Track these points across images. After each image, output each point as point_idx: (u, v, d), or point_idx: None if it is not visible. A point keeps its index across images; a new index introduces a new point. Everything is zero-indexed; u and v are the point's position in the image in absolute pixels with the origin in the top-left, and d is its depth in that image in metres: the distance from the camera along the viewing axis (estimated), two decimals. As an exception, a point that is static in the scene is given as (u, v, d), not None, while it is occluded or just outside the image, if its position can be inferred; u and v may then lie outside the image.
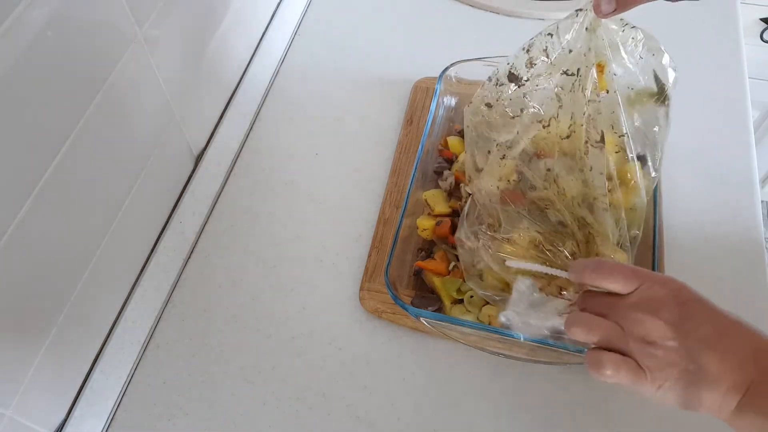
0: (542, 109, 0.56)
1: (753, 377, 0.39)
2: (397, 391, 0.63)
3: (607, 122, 0.54)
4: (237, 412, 0.62)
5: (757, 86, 1.36)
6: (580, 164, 0.54)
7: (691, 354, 0.40)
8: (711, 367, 0.39)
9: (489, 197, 0.59)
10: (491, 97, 0.59)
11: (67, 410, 0.60)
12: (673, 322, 0.40)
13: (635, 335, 0.41)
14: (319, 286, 0.70)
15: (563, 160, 0.56)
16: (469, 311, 0.63)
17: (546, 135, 0.68)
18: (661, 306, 0.41)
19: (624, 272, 0.44)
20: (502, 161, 0.58)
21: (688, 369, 0.40)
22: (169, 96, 0.66)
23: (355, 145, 0.81)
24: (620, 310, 0.43)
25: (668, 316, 0.41)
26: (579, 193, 0.55)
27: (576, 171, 0.55)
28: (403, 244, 0.65)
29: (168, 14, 0.63)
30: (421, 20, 0.96)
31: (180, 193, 0.75)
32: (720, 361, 0.39)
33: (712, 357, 0.39)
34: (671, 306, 0.41)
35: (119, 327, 0.65)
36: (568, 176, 0.55)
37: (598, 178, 0.53)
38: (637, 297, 0.42)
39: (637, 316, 0.42)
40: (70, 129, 0.51)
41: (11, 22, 0.42)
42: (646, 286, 0.42)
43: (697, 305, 0.41)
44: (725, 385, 0.39)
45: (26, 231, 0.47)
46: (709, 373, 0.39)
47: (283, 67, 0.90)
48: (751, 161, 0.79)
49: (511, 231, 0.56)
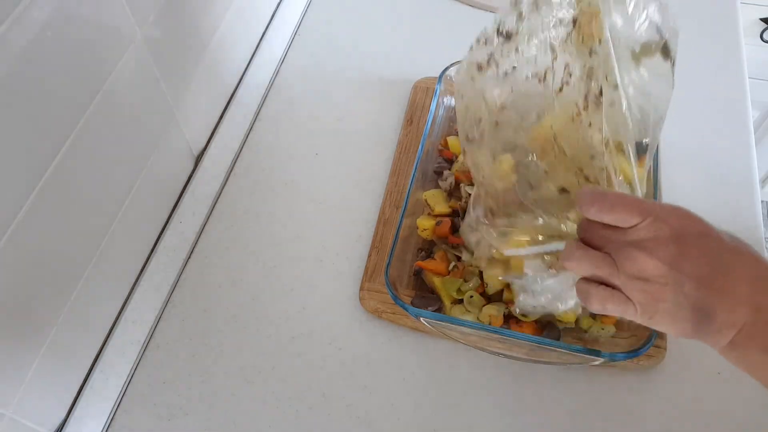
0: (536, 62, 0.52)
1: (747, 316, 0.38)
2: (397, 391, 0.63)
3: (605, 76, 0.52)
4: (237, 412, 0.62)
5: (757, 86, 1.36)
6: (576, 122, 0.51)
7: (684, 292, 0.39)
8: (704, 306, 0.39)
9: (484, 174, 0.56)
10: (482, 59, 0.55)
11: (67, 410, 0.60)
12: (669, 260, 0.39)
13: (627, 272, 0.41)
14: (319, 286, 0.70)
15: (562, 118, 0.53)
16: (469, 311, 0.63)
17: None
18: (659, 245, 0.40)
19: (627, 206, 0.41)
20: (498, 135, 0.55)
21: (679, 304, 0.39)
22: (169, 96, 0.67)
23: (355, 145, 0.81)
24: (617, 244, 0.42)
25: (664, 254, 0.39)
26: (579, 152, 0.52)
27: (574, 131, 0.52)
28: (403, 244, 0.65)
29: (168, 14, 0.63)
30: (421, 20, 0.96)
31: (180, 193, 0.75)
32: (714, 301, 0.38)
33: (705, 296, 0.39)
34: (669, 244, 0.39)
35: (119, 327, 0.65)
36: (568, 136, 0.52)
37: (597, 135, 0.50)
38: (635, 234, 0.41)
39: (632, 253, 0.40)
40: (70, 129, 0.51)
41: (11, 22, 0.42)
42: (648, 222, 0.40)
43: (697, 241, 0.40)
44: (718, 323, 0.39)
45: (26, 231, 0.47)
46: (701, 311, 0.39)
47: (283, 67, 0.90)
48: (751, 161, 0.79)
49: (511, 219, 0.54)
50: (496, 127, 0.55)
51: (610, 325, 0.61)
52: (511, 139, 0.54)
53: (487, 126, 0.55)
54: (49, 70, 0.47)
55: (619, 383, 0.62)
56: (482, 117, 0.56)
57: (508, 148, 0.55)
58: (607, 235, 0.43)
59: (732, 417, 0.61)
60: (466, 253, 0.64)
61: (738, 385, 0.62)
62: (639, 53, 0.52)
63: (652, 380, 0.62)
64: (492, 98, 0.54)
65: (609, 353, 0.55)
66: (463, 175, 0.69)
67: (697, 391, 0.62)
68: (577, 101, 0.51)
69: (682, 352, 0.64)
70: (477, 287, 0.63)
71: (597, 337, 0.62)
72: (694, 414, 0.61)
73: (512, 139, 0.54)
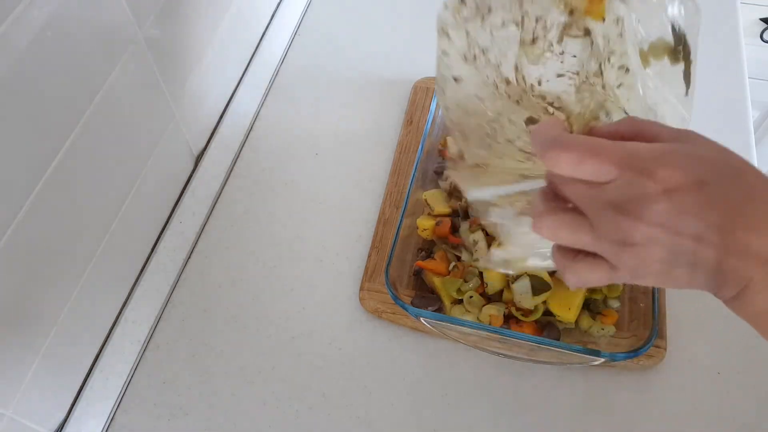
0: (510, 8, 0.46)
1: (752, 275, 0.32)
2: (397, 391, 0.63)
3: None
4: (237, 412, 0.62)
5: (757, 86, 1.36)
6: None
7: (680, 251, 0.33)
8: (704, 263, 0.33)
9: (460, 114, 0.50)
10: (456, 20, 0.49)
11: (67, 410, 0.60)
12: (659, 221, 0.32)
13: (611, 239, 0.34)
14: (319, 286, 0.70)
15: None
16: (469, 311, 0.63)
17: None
18: (644, 205, 0.32)
19: (598, 156, 0.33)
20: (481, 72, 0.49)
21: (674, 262, 0.33)
22: (169, 96, 0.67)
23: (355, 145, 0.81)
24: (593, 205, 0.34)
25: (652, 215, 0.32)
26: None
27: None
28: (403, 244, 0.65)
29: (168, 14, 0.63)
30: (421, 20, 0.96)
31: (180, 193, 0.75)
32: (717, 257, 0.32)
33: (706, 253, 0.32)
34: (657, 202, 0.32)
35: (119, 327, 0.65)
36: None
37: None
38: (615, 191, 0.33)
39: (613, 218, 0.33)
40: (70, 129, 0.51)
41: (11, 22, 0.42)
42: (628, 176, 0.33)
43: (691, 196, 0.32)
44: (720, 279, 0.33)
45: (26, 231, 0.47)
46: (700, 268, 0.33)
47: (283, 67, 0.90)
48: (751, 161, 0.79)
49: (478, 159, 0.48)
50: (478, 67, 0.49)
51: (610, 326, 0.61)
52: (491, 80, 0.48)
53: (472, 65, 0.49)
54: (49, 70, 0.47)
55: (619, 383, 0.62)
56: (466, 55, 0.49)
57: (489, 87, 0.49)
58: (580, 191, 0.35)
59: (732, 417, 0.61)
60: (466, 253, 0.64)
61: (738, 385, 0.62)
62: (648, 52, 0.47)
63: (652, 380, 0.62)
64: (474, 37, 0.48)
65: (609, 353, 0.55)
66: (463, 175, 0.69)
67: (697, 391, 0.62)
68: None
69: (682, 352, 0.64)
70: (477, 287, 0.63)
71: (597, 337, 0.62)
72: (694, 414, 0.61)
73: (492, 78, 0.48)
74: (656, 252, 0.33)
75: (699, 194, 0.32)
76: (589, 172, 0.34)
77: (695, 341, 0.64)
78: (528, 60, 0.46)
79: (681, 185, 0.32)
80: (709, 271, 0.33)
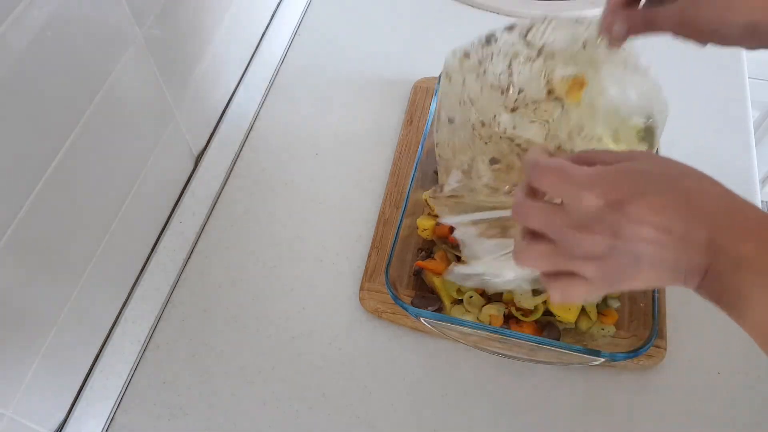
0: (500, 78, 0.53)
1: (708, 260, 0.35)
2: (397, 391, 0.63)
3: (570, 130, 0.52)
4: (237, 412, 0.62)
5: (757, 86, 1.36)
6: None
7: (638, 255, 0.36)
8: (661, 261, 0.36)
9: (450, 152, 0.56)
10: (471, 50, 0.56)
11: (67, 410, 0.60)
12: (611, 232, 0.36)
13: (576, 256, 0.37)
14: (319, 286, 0.70)
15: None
16: (469, 311, 0.63)
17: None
18: (593, 219, 0.36)
19: (549, 178, 0.38)
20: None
21: (637, 265, 0.36)
22: (169, 96, 0.67)
23: (355, 145, 0.81)
24: (556, 230, 0.38)
25: (605, 227, 0.36)
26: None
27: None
28: (403, 244, 0.65)
29: (168, 14, 0.63)
30: (421, 20, 0.96)
31: (180, 193, 0.75)
32: (670, 254, 0.36)
33: (660, 252, 0.36)
34: (605, 214, 0.36)
35: (119, 327, 0.65)
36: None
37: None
38: (569, 209, 0.37)
39: (572, 237, 0.37)
40: (70, 129, 0.51)
41: (11, 22, 0.42)
42: (572, 196, 0.37)
43: (635, 203, 0.35)
44: (681, 275, 0.37)
45: (26, 231, 0.47)
46: (660, 267, 0.36)
47: (283, 67, 0.90)
48: (751, 161, 0.79)
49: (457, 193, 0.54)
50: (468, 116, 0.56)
51: (610, 326, 0.62)
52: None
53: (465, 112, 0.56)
54: (49, 70, 0.47)
55: (619, 383, 0.62)
56: (461, 99, 0.56)
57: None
58: (543, 220, 0.39)
59: (732, 417, 0.61)
60: (466, 253, 0.64)
61: (738, 385, 0.62)
62: (618, 132, 0.53)
63: (652, 380, 0.62)
64: (468, 87, 0.55)
65: (609, 353, 0.55)
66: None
67: (697, 391, 0.62)
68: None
69: (682, 352, 0.64)
70: (477, 287, 0.63)
71: (597, 338, 0.62)
72: (694, 414, 0.61)
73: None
74: (618, 261, 0.37)
75: (640, 202, 0.35)
76: (547, 190, 0.39)
77: (695, 341, 0.64)
78: (505, 112, 0.53)
79: (623, 198, 0.36)
80: (667, 266, 0.36)
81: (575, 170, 0.37)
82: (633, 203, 0.35)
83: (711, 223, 0.35)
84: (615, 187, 0.36)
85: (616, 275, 0.37)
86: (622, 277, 0.37)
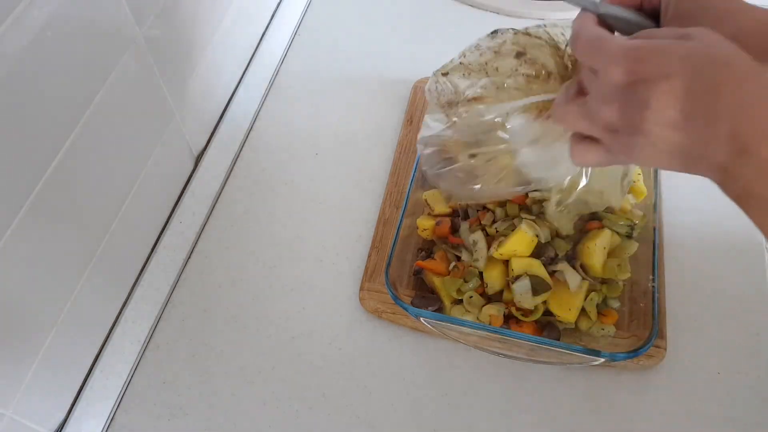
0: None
1: (728, 158, 0.34)
2: (397, 391, 0.63)
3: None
4: (237, 412, 0.62)
5: (757, 86, 1.35)
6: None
7: (653, 141, 0.36)
8: (678, 150, 0.36)
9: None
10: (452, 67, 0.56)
11: (67, 410, 0.60)
12: (629, 109, 0.36)
13: (599, 124, 0.39)
14: (319, 286, 0.70)
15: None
16: (469, 311, 0.63)
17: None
18: (616, 93, 0.36)
19: (584, 46, 0.39)
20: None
21: (653, 148, 0.37)
22: (169, 96, 0.67)
23: (355, 145, 0.81)
24: (593, 95, 0.39)
25: (623, 103, 0.36)
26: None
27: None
28: (403, 244, 0.65)
29: (168, 14, 0.63)
30: (421, 20, 0.96)
31: (180, 193, 0.75)
32: (687, 144, 0.35)
33: (677, 140, 0.35)
34: (627, 90, 0.36)
35: (119, 327, 0.65)
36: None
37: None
38: (599, 79, 0.38)
39: (594, 105, 0.39)
40: (70, 129, 0.51)
41: (11, 22, 0.42)
42: (602, 68, 0.37)
43: (656, 85, 0.35)
44: (698, 167, 0.36)
45: (26, 231, 0.47)
46: (677, 154, 0.36)
47: (283, 67, 0.90)
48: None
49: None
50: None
51: (610, 326, 0.61)
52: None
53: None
54: (49, 70, 0.47)
55: (619, 383, 0.62)
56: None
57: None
58: (587, 82, 0.40)
59: (732, 417, 0.61)
60: (466, 253, 0.64)
61: (738, 385, 0.62)
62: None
63: (652, 380, 0.62)
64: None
65: (609, 353, 0.55)
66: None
67: (697, 391, 0.62)
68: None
69: (682, 352, 0.64)
70: (477, 287, 0.63)
71: (597, 338, 0.62)
72: (694, 414, 0.61)
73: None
74: (634, 139, 0.37)
75: (661, 84, 0.35)
76: (583, 59, 0.39)
77: (695, 341, 0.64)
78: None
79: (646, 77, 0.35)
80: (683, 155, 0.36)
81: (610, 42, 0.37)
82: (655, 84, 0.35)
83: (737, 119, 0.33)
84: (642, 65, 0.35)
85: (627, 149, 0.38)
86: (633, 152, 0.38)
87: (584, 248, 0.62)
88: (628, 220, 0.63)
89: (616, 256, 0.63)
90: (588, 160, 0.42)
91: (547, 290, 0.60)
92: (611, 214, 0.64)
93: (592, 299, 0.61)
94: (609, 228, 0.63)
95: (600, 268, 0.61)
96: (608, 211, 0.65)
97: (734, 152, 0.34)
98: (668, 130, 0.35)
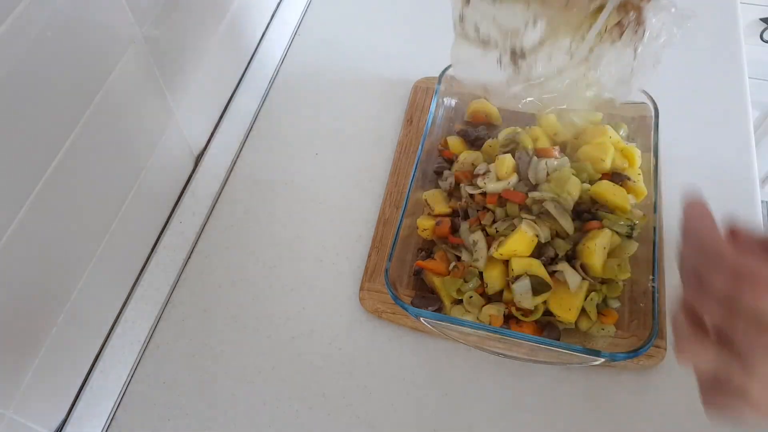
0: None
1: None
2: (397, 391, 0.63)
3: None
4: (237, 412, 0.62)
5: (757, 86, 1.36)
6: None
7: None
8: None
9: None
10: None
11: (67, 410, 0.60)
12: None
13: (752, 365, 0.31)
14: (319, 286, 0.70)
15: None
16: (469, 311, 0.63)
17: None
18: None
19: (722, 276, 0.31)
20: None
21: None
22: (169, 96, 0.67)
23: (355, 145, 0.81)
24: (749, 332, 0.30)
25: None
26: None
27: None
28: (403, 244, 0.65)
29: (168, 14, 0.63)
30: (421, 20, 0.96)
31: (180, 193, 0.75)
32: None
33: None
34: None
35: (119, 327, 0.65)
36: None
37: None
38: (753, 311, 0.30)
39: (755, 337, 0.30)
40: (70, 129, 0.51)
41: (11, 22, 0.42)
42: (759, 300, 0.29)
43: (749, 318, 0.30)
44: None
45: (26, 231, 0.47)
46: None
47: (283, 67, 0.90)
48: (751, 161, 0.79)
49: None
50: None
51: (610, 326, 0.61)
52: None
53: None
54: (49, 71, 0.47)
55: (619, 383, 0.62)
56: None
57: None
58: (714, 310, 0.32)
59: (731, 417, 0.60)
60: (466, 253, 0.64)
61: (738, 385, 0.62)
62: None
63: (652, 380, 0.62)
64: None
65: (609, 353, 0.55)
66: (462, 175, 0.69)
67: (697, 391, 0.62)
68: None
69: (682, 352, 0.63)
70: (477, 287, 0.63)
71: (597, 338, 0.62)
72: (693, 414, 0.61)
73: None
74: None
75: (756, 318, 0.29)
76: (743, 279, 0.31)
77: (695, 341, 0.64)
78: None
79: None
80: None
81: (758, 267, 0.30)
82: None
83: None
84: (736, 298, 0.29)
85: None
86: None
87: (584, 248, 0.62)
88: (628, 220, 0.63)
89: (616, 256, 0.63)
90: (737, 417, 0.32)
91: (547, 290, 0.60)
92: (611, 214, 0.64)
93: (592, 299, 0.61)
94: (609, 228, 0.63)
95: (600, 268, 0.61)
96: (606, 206, 0.65)
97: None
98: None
